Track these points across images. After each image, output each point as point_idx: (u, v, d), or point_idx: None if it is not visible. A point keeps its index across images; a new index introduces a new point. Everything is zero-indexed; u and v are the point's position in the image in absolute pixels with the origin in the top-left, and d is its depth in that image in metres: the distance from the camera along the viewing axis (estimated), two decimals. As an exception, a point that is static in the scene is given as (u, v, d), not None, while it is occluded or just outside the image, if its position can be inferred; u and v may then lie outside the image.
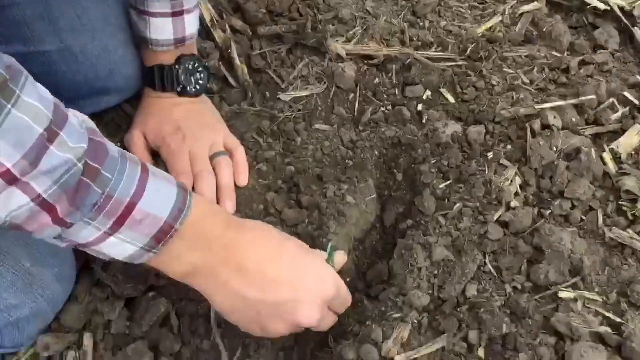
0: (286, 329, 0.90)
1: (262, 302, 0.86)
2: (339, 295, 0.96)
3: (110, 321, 1.00)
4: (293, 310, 0.87)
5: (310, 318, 0.89)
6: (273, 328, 0.89)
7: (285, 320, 0.88)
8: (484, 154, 1.26)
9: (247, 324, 0.90)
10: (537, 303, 1.04)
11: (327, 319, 0.96)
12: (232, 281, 0.85)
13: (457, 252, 1.12)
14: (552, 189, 1.18)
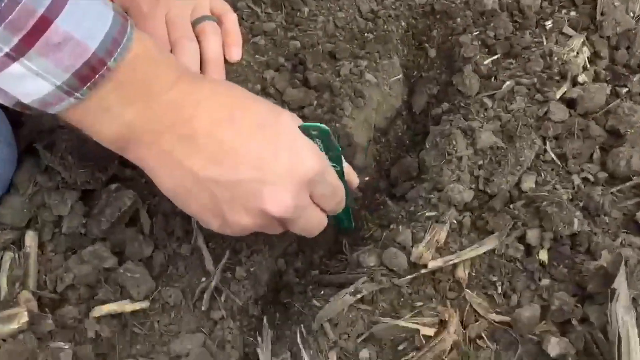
0: (251, 222, 0.65)
1: (215, 181, 0.62)
2: (324, 180, 0.68)
3: (61, 217, 0.78)
4: (256, 193, 0.62)
5: (279, 204, 0.63)
6: (234, 219, 0.65)
7: (247, 208, 0.64)
8: (540, 23, 1.00)
9: (200, 213, 0.67)
10: (615, 197, 0.80)
11: (309, 213, 0.69)
12: (177, 151, 0.61)
13: (508, 137, 0.87)
14: (630, 62, 0.93)
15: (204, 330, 0.74)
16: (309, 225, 0.71)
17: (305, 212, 0.68)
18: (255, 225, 0.67)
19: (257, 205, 0.63)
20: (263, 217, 0.65)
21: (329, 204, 0.71)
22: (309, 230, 0.72)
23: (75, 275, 0.74)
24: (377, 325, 0.72)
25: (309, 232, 0.73)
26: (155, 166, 0.64)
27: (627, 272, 0.68)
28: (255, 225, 0.67)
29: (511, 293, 0.73)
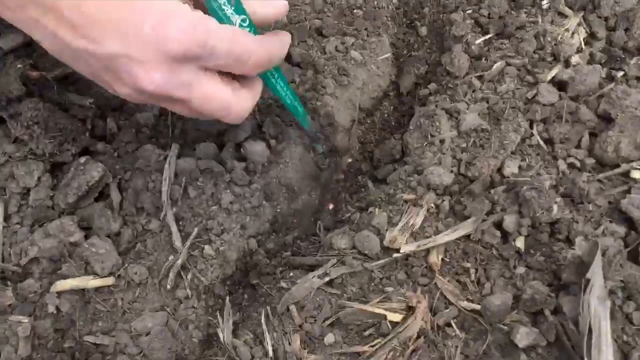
0: (136, 96, 0.62)
1: (87, 53, 0.58)
2: (213, 51, 0.59)
3: (28, 189, 0.77)
4: (127, 69, 0.59)
5: (150, 82, 0.59)
6: (118, 89, 0.62)
7: (124, 82, 0.60)
8: (537, 2, 0.95)
9: (90, 76, 0.64)
10: (601, 185, 0.76)
11: (203, 90, 0.62)
12: (44, 19, 0.58)
13: (494, 120, 0.83)
14: (628, 44, 0.88)
15: (168, 309, 0.73)
16: (208, 104, 0.63)
17: (198, 89, 0.62)
18: (142, 100, 0.63)
19: (131, 82, 0.60)
20: (143, 94, 0.61)
21: (240, 70, 0.64)
22: (218, 110, 0.65)
23: (39, 249, 0.72)
24: (344, 310, 0.70)
25: (220, 115, 0.66)
26: (32, 33, 0.61)
27: (605, 262, 0.65)
28: (143, 100, 0.63)
29: (485, 280, 0.71)
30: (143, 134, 0.83)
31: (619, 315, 0.64)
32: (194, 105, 0.63)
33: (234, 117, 0.67)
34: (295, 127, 0.87)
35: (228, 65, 0.63)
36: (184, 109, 0.65)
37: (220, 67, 0.63)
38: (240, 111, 0.67)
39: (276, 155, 0.85)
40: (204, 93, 0.62)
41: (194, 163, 0.80)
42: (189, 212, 0.78)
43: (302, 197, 0.87)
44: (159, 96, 0.61)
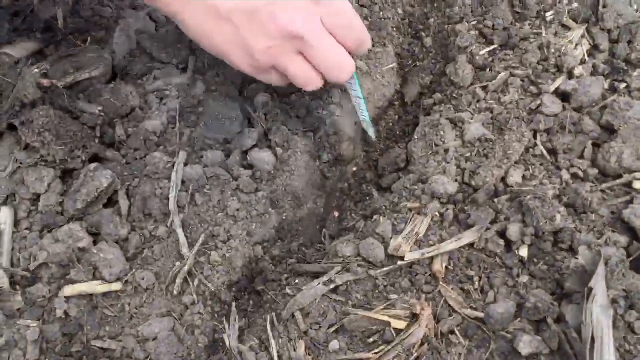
0: (271, 40, 0.73)
1: (235, 11, 0.72)
2: (335, 6, 0.74)
3: (38, 195, 0.78)
4: (270, 14, 0.71)
5: (290, 19, 0.71)
6: (255, 43, 0.73)
7: (265, 29, 0.72)
8: (541, 14, 0.97)
9: (226, 47, 0.76)
10: (604, 195, 0.77)
11: (327, 42, 0.74)
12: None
13: (498, 130, 0.84)
14: (630, 56, 0.89)
15: (174, 314, 0.73)
16: (329, 56, 0.75)
17: (322, 39, 0.73)
18: (272, 45, 0.73)
19: (272, 25, 0.71)
20: (281, 38, 0.72)
21: (349, 40, 0.76)
22: (331, 62, 0.75)
23: (48, 254, 0.73)
24: (348, 317, 0.71)
25: (331, 67, 0.76)
26: (180, 10, 0.73)
27: (608, 271, 0.65)
28: (276, 49, 0.73)
29: (488, 288, 0.71)
30: (151, 141, 0.84)
31: (621, 324, 0.64)
32: (317, 53, 0.74)
33: (344, 76, 0.78)
34: (301, 135, 0.89)
35: (340, 27, 0.75)
36: (301, 57, 0.75)
37: (337, 27, 0.74)
38: (348, 72, 0.77)
39: (282, 163, 0.86)
40: (328, 44, 0.74)
41: (201, 170, 0.81)
42: (195, 218, 0.79)
43: (308, 204, 0.88)
44: (291, 42, 0.73)
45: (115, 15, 0.94)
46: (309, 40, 0.72)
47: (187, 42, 0.94)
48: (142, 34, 0.93)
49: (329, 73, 0.77)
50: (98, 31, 0.93)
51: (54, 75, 0.84)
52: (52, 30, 0.92)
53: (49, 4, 0.94)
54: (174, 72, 0.91)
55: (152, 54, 0.92)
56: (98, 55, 0.88)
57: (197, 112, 0.87)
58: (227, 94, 0.89)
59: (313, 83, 0.78)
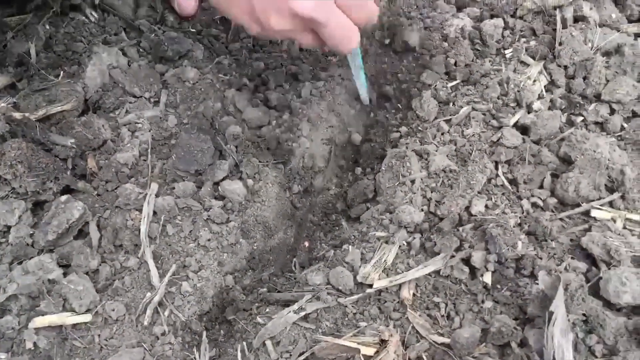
0: (282, 23, 0.75)
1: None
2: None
3: (9, 227, 0.78)
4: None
5: (305, 3, 0.72)
6: (268, 20, 0.75)
7: (277, 9, 0.74)
8: (501, 52, 1.01)
9: (240, 17, 0.79)
10: (563, 223, 0.80)
11: (338, 19, 0.76)
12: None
13: (461, 161, 0.87)
14: (586, 91, 0.93)
15: (145, 345, 0.73)
16: (339, 31, 0.76)
17: (333, 17, 0.75)
18: (287, 28, 0.75)
19: (285, 5, 0.72)
20: (292, 18, 0.74)
21: (356, 14, 0.77)
22: (341, 37, 0.77)
23: (18, 285, 0.73)
24: (318, 344, 0.72)
25: (339, 41, 0.78)
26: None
27: (567, 296, 0.68)
28: (287, 30, 0.76)
29: (454, 315, 0.73)
30: (123, 173, 0.85)
31: (582, 348, 0.67)
32: (328, 30, 0.75)
33: (350, 48, 0.80)
34: (271, 167, 0.91)
35: (352, 5, 0.76)
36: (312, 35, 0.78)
37: (349, 6, 0.75)
38: (354, 45, 0.80)
39: (253, 194, 0.87)
40: (338, 20, 0.76)
41: (173, 201, 0.82)
42: (167, 249, 0.80)
43: (278, 234, 0.89)
44: (303, 21, 0.74)
45: (88, 50, 0.95)
46: (320, 21, 0.74)
47: (159, 77, 0.96)
48: (114, 68, 0.94)
49: (336, 46, 0.79)
50: (71, 66, 0.94)
51: (26, 108, 0.85)
52: (25, 65, 0.93)
53: (22, 39, 0.95)
54: (146, 106, 0.93)
55: (124, 87, 0.93)
56: (70, 89, 0.89)
57: (169, 145, 0.89)
58: (199, 126, 0.91)
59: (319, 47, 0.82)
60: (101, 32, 1.01)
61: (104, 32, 1.01)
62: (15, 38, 0.95)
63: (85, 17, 1.01)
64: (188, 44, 1.00)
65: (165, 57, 0.98)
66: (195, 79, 0.96)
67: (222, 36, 1.06)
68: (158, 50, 0.98)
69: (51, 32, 0.97)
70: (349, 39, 0.78)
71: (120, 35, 1.01)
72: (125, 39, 1.01)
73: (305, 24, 0.75)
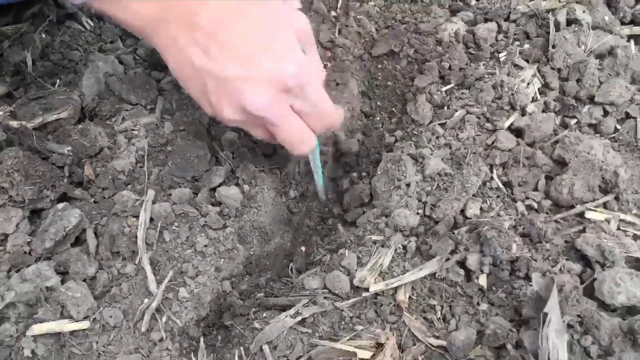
0: (234, 116, 0.73)
1: (206, 72, 0.71)
2: (304, 93, 0.73)
3: (6, 235, 0.78)
4: (238, 89, 0.70)
5: (256, 102, 0.71)
6: (220, 108, 0.73)
7: (230, 101, 0.72)
8: (494, 55, 1.02)
9: (196, 97, 0.76)
10: (558, 225, 0.81)
11: (291, 123, 0.75)
12: (181, 39, 0.71)
13: (456, 164, 0.88)
14: (580, 93, 0.94)
15: (142, 351, 0.74)
16: (291, 135, 0.76)
17: (286, 120, 0.74)
18: (239, 120, 0.74)
19: (237, 100, 0.71)
20: (244, 114, 0.72)
21: (313, 122, 0.77)
22: (291, 141, 0.76)
23: (16, 293, 0.74)
24: (315, 348, 0.72)
25: (291, 144, 0.77)
26: (164, 49, 0.74)
27: (562, 297, 0.68)
28: (239, 121, 0.74)
29: (450, 317, 0.74)
30: (120, 180, 0.85)
31: (577, 349, 0.67)
32: (280, 131, 0.75)
33: (305, 150, 0.78)
34: (267, 172, 0.91)
35: (307, 114, 0.75)
36: (264, 134, 0.78)
37: (301, 111, 0.75)
38: (309, 148, 0.79)
39: (249, 199, 0.88)
40: (290, 124, 0.75)
41: (170, 208, 0.83)
42: (164, 255, 0.81)
43: (275, 239, 0.90)
44: (255, 118, 0.73)
45: (84, 59, 0.96)
46: (271, 121, 0.73)
47: (155, 84, 0.96)
48: (111, 76, 0.95)
49: (290, 148, 0.78)
50: (67, 74, 0.95)
51: (23, 117, 0.86)
52: (22, 74, 0.94)
53: (18, 48, 0.96)
54: (142, 113, 0.93)
55: (120, 95, 0.94)
56: (67, 97, 0.90)
57: (165, 151, 0.89)
58: (195, 133, 0.91)
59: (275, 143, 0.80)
60: (97, 40, 1.01)
61: (100, 40, 1.01)
62: (11, 47, 0.96)
63: (81, 25, 1.02)
64: (184, 51, 1.00)
65: (161, 64, 0.98)
66: (191, 86, 0.96)
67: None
68: (154, 58, 0.98)
69: (47, 40, 0.98)
70: (301, 144, 0.77)
71: (116, 43, 1.02)
72: (121, 46, 1.02)
73: (257, 120, 0.74)
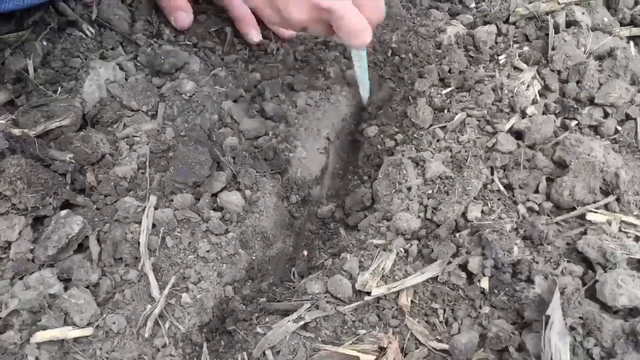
0: (302, 12, 0.81)
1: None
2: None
3: (9, 243, 0.79)
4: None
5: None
6: (288, 12, 0.81)
7: (300, 1, 0.80)
8: (494, 58, 1.02)
9: (264, 6, 0.85)
10: (559, 227, 0.81)
11: (352, 11, 0.81)
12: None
13: (457, 167, 0.88)
14: (580, 95, 0.94)
15: (146, 357, 0.74)
16: (355, 24, 0.82)
17: (350, 10, 0.80)
18: (305, 20, 0.81)
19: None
20: (311, 10, 0.80)
21: (371, 10, 0.83)
22: (353, 31, 0.82)
23: (19, 301, 0.74)
24: (318, 353, 0.72)
25: (353, 34, 0.83)
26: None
27: (564, 300, 0.69)
28: (305, 20, 0.82)
29: (452, 320, 0.74)
30: (122, 186, 0.86)
31: (580, 351, 0.67)
32: (345, 22, 0.81)
33: (360, 44, 0.85)
34: (269, 177, 0.91)
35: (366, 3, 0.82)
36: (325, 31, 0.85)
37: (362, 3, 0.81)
38: (365, 41, 0.84)
39: (251, 204, 0.88)
40: (354, 13, 0.81)
41: (172, 214, 0.83)
42: (166, 261, 0.81)
43: (277, 244, 0.90)
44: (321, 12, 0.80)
45: (86, 66, 0.96)
46: (337, 12, 0.79)
47: (156, 90, 0.97)
48: (112, 83, 0.95)
49: (348, 39, 0.84)
50: (68, 81, 0.95)
51: (25, 124, 0.86)
52: (23, 81, 0.94)
53: (19, 55, 0.96)
54: (144, 119, 0.94)
55: (122, 101, 0.94)
56: (68, 104, 0.90)
57: (167, 157, 0.90)
58: (197, 138, 0.91)
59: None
60: (98, 47, 1.02)
61: (101, 47, 1.02)
62: (13, 55, 0.96)
63: (82, 32, 1.02)
64: (184, 57, 1.01)
65: (162, 70, 0.99)
66: (192, 92, 0.97)
67: (218, 48, 1.07)
68: (155, 64, 0.99)
69: (48, 48, 0.98)
70: (362, 34, 0.83)
71: (117, 50, 1.02)
72: (122, 53, 1.02)
73: (323, 15, 0.80)
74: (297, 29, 0.86)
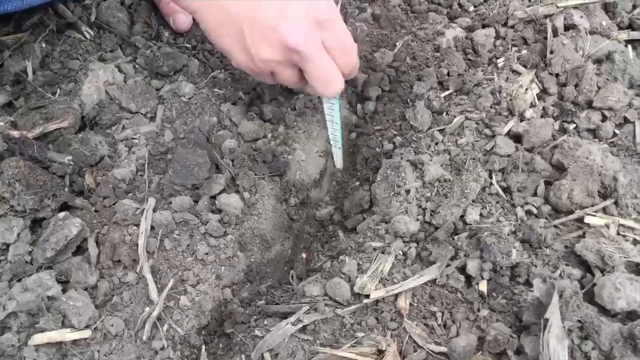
0: (271, 52, 0.79)
1: (244, 17, 0.78)
2: (333, 29, 0.79)
3: (8, 245, 0.79)
4: (275, 26, 0.76)
5: (293, 35, 0.76)
6: (257, 49, 0.79)
7: (267, 39, 0.78)
8: (493, 61, 1.02)
9: (231, 47, 0.82)
10: (557, 230, 0.81)
11: (323, 59, 0.80)
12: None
13: (455, 170, 0.88)
14: (578, 98, 0.94)
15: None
16: (323, 72, 0.80)
17: (320, 56, 0.79)
18: (274, 56, 0.79)
19: (275, 36, 0.76)
20: (280, 50, 0.78)
21: (340, 59, 0.81)
22: (323, 78, 0.81)
23: (17, 303, 0.74)
24: (316, 356, 0.72)
25: (322, 82, 0.81)
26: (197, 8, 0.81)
27: (563, 303, 0.69)
28: (274, 61, 0.79)
29: (450, 323, 0.74)
30: (120, 189, 0.86)
31: (578, 354, 0.67)
32: (313, 68, 0.79)
33: (331, 92, 0.83)
34: (268, 179, 0.91)
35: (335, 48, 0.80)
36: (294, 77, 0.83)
37: (335, 49, 0.80)
38: (336, 89, 0.83)
39: (250, 207, 0.88)
40: (323, 60, 0.79)
41: (170, 216, 0.83)
42: (165, 264, 0.81)
43: (275, 247, 0.90)
44: (290, 54, 0.78)
45: (84, 68, 0.96)
46: (307, 55, 0.77)
47: (155, 93, 0.97)
48: (110, 85, 0.95)
49: (318, 87, 0.82)
50: (67, 83, 0.95)
51: (23, 126, 0.86)
52: (22, 83, 0.94)
53: (18, 57, 0.96)
54: (142, 121, 0.94)
55: (121, 104, 0.94)
56: (67, 107, 0.90)
57: (165, 160, 0.90)
58: (195, 141, 0.91)
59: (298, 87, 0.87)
60: (97, 49, 1.02)
61: (100, 49, 1.02)
62: (12, 57, 0.96)
63: (81, 34, 1.02)
64: (183, 59, 1.01)
65: (160, 72, 0.99)
66: (190, 94, 0.97)
67: (217, 51, 1.07)
68: (154, 66, 0.99)
69: (47, 50, 0.98)
70: (331, 83, 0.82)
71: (116, 52, 1.02)
72: (121, 55, 1.02)
73: (292, 57, 0.78)
74: (267, 73, 0.83)
